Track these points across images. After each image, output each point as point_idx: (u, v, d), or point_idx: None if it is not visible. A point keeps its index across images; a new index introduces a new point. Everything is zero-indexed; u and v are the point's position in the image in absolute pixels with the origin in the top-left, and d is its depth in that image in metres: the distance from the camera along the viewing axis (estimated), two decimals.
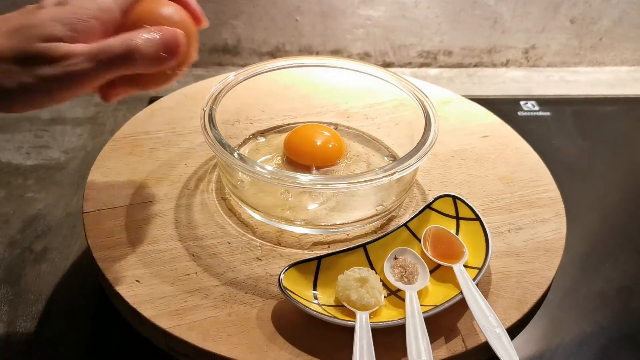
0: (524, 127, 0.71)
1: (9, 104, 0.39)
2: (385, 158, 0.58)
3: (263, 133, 0.60)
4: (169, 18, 0.42)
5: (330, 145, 0.56)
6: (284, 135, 0.58)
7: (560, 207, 0.54)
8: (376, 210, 0.51)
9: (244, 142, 0.59)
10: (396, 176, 0.47)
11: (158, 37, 0.40)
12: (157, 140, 0.58)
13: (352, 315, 0.42)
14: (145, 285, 0.44)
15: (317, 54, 0.90)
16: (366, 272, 0.44)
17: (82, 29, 0.39)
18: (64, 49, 0.38)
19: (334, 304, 0.44)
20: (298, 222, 0.49)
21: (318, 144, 0.56)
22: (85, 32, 0.39)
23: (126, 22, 0.41)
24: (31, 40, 0.37)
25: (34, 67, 0.37)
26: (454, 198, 0.50)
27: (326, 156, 0.56)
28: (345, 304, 0.43)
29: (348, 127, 0.61)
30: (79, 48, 0.38)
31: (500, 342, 0.40)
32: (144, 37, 0.40)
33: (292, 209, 0.50)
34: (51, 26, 0.38)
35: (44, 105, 0.40)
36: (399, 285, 0.45)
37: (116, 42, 0.39)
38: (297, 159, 0.55)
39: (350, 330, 0.41)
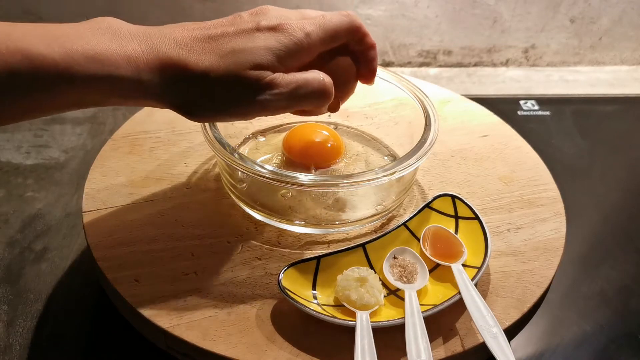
0: (524, 126, 0.71)
1: (196, 116, 0.41)
2: (385, 157, 0.58)
3: (263, 132, 0.60)
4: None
5: (329, 145, 0.56)
6: (283, 134, 0.58)
7: (560, 206, 0.54)
8: (376, 209, 0.51)
9: (244, 141, 0.59)
10: (396, 176, 0.47)
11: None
12: (157, 140, 0.58)
13: (352, 315, 0.42)
14: (145, 285, 0.44)
15: None
16: (365, 271, 0.44)
17: (288, 61, 0.40)
18: (269, 77, 0.39)
19: (333, 303, 0.44)
20: (297, 222, 0.49)
21: (317, 143, 0.56)
22: (288, 64, 0.40)
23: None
24: (243, 65, 0.39)
25: (236, 90, 0.39)
26: (453, 197, 0.50)
27: (325, 155, 0.56)
28: (345, 304, 0.43)
29: (348, 127, 0.61)
30: (280, 79, 0.40)
31: (497, 342, 0.40)
32: (328, 78, 0.42)
33: (291, 209, 0.50)
34: (262, 55, 0.39)
35: (224, 120, 0.45)
36: (398, 284, 0.45)
37: (312, 78, 0.41)
38: (295, 159, 0.55)
39: (350, 330, 0.41)
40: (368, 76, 0.47)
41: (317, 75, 0.41)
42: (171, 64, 0.38)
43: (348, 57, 0.45)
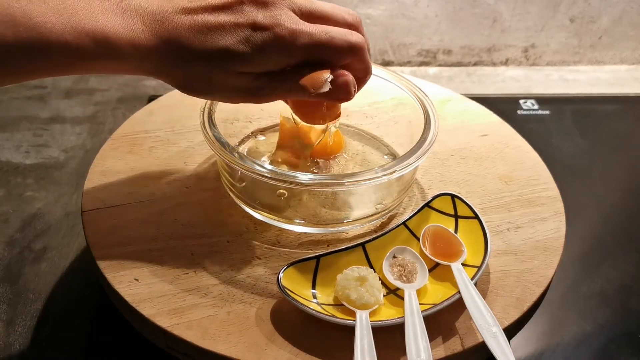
0: (524, 125, 0.71)
1: (195, 95, 0.43)
2: (385, 156, 0.58)
3: (262, 131, 0.60)
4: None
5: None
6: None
7: (560, 205, 0.54)
8: (376, 209, 0.51)
9: (244, 140, 0.59)
10: (396, 175, 0.47)
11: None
12: (157, 139, 0.58)
13: (351, 314, 0.42)
14: (144, 284, 0.44)
15: None
16: (365, 271, 0.44)
17: (272, 62, 0.42)
18: (254, 81, 0.42)
19: (332, 303, 0.44)
20: (297, 221, 0.49)
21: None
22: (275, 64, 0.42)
23: None
24: (231, 68, 0.41)
25: (222, 84, 0.42)
26: (453, 196, 0.50)
27: (324, 145, 0.56)
28: (344, 303, 0.43)
29: (347, 126, 0.61)
30: (264, 81, 0.42)
31: (497, 341, 0.40)
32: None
33: (291, 208, 0.50)
34: (249, 58, 0.41)
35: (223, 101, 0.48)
36: (397, 284, 0.45)
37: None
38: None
39: (349, 329, 0.41)
40: (339, 96, 0.44)
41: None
42: (170, 49, 0.40)
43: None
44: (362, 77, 0.45)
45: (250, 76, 0.41)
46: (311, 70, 0.42)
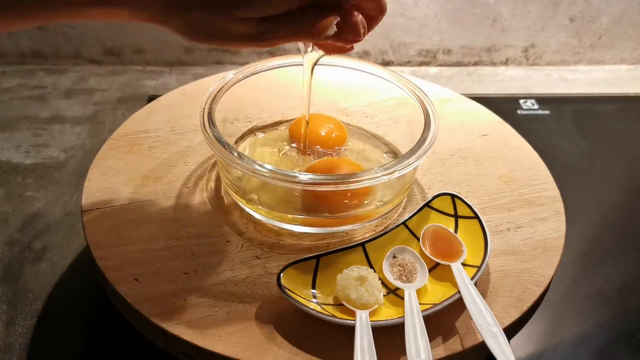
0: (523, 125, 0.71)
1: (197, 40, 0.41)
2: (385, 155, 0.58)
3: (261, 129, 0.60)
4: None
5: (334, 135, 0.58)
6: (282, 130, 0.58)
7: (560, 205, 0.54)
8: (375, 207, 0.51)
9: (243, 137, 0.58)
10: (396, 175, 0.47)
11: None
12: (156, 139, 0.58)
13: (351, 314, 0.42)
14: (144, 284, 0.44)
15: None
16: (365, 270, 0.44)
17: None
18: (255, 29, 0.40)
19: (332, 302, 0.44)
20: (297, 221, 0.49)
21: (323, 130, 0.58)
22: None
23: None
24: (231, 13, 0.39)
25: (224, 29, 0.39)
26: (453, 196, 0.50)
27: (329, 136, 0.57)
28: (344, 303, 0.43)
29: (348, 124, 0.61)
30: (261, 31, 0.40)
31: (497, 341, 0.40)
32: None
33: (291, 208, 0.50)
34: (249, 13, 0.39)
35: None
36: (397, 284, 0.45)
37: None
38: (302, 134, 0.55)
39: (349, 329, 0.41)
40: (347, 37, 0.41)
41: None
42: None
43: None
44: (375, 15, 0.42)
45: (252, 21, 0.39)
46: (315, 12, 0.40)
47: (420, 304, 0.43)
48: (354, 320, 0.41)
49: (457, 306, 0.43)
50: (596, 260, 0.60)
